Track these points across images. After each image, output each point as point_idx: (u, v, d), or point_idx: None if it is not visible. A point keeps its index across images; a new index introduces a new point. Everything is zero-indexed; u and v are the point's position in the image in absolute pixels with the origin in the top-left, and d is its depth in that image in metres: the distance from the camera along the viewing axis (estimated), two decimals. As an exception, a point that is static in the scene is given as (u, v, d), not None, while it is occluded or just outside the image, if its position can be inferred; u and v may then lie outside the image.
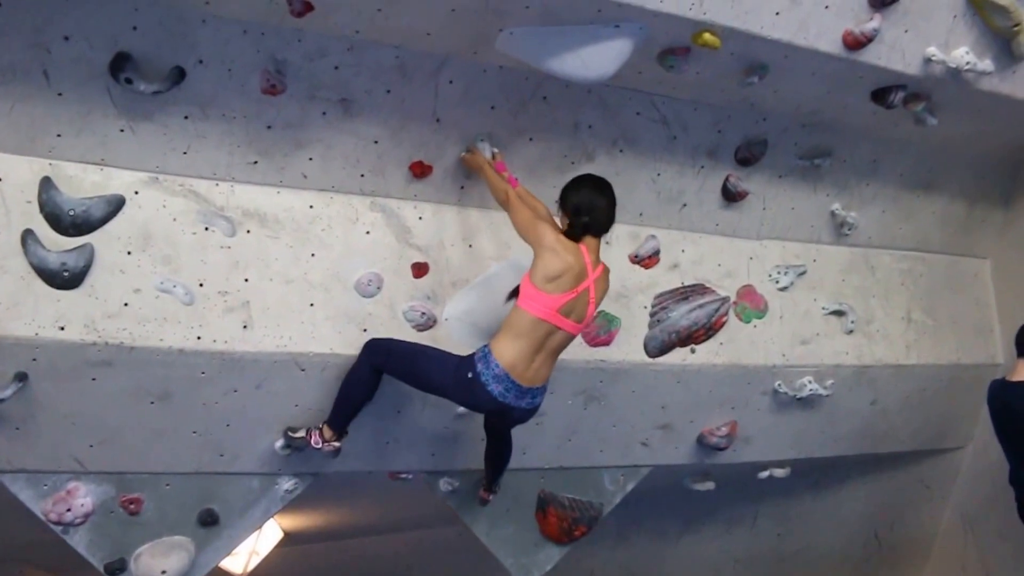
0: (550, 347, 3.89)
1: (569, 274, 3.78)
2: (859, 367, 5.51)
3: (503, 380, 3.82)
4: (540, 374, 3.92)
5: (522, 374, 3.83)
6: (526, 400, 3.93)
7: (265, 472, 4.54)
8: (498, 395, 3.83)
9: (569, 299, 3.79)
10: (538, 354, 3.86)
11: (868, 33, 4.27)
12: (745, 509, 6.58)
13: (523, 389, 3.87)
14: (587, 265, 3.83)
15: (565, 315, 3.82)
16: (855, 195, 5.52)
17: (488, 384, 3.81)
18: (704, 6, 3.92)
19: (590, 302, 3.87)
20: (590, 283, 3.84)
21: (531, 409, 4.02)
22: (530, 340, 3.82)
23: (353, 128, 4.24)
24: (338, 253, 4.33)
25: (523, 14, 3.86)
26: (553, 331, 3.84)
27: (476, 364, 3.85)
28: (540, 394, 4.00)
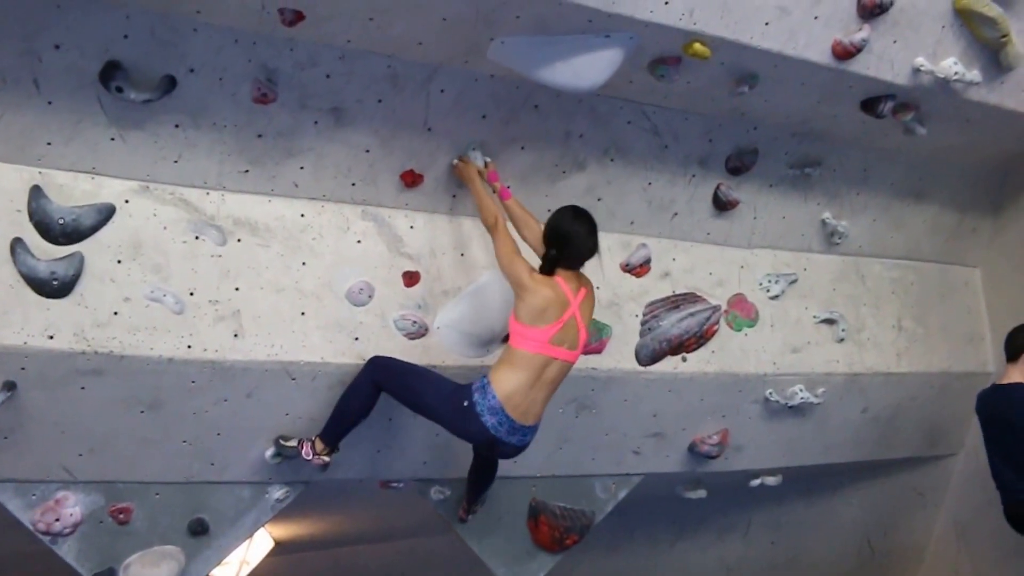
0: (547, 379, 3.92)
1: (552, 307, 3.85)
2: (850, 375, 5.52)
3: (498, 413, 3.84)
4: (534, 410, 3.95)
5: (516, 407, 3.86)
6: (516, 437, 3.95)
7: (256, 481, 4.52)
8: (491, 427, 3.85)
9: (557, 330, 3.85)
10: (535, 387, 3.90)
11: (857, 43, 4.29)
12: (738, 517, 6.58)
13: (515, 426, 3.90)
14: (567, 294, 3.88)
15: (557, 345, 3.88)
16: (846, 204, 5.53)
17: (483, 415, 3.84)
18: (694, 16, 3.94)
19: (579, 328, 3.93)
20: (574, 310, 3.90)
21: (520, 447, 4.05)
22: (527, 373, 3.86)
23: (344, 137, 4.24)
24: (329, 262, 4.33)
25: (514, 24, 3.87)
26: (549, 362, 3.89)
27: (473, 393, 3.87)
28: (531, 433, 4.03)
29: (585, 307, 3.97)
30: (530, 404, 3.91)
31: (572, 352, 3.95)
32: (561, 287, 3.89)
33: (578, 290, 3.94)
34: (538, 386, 3.91)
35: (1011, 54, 4.68)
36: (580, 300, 3.93)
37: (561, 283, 3.90)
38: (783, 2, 4.08)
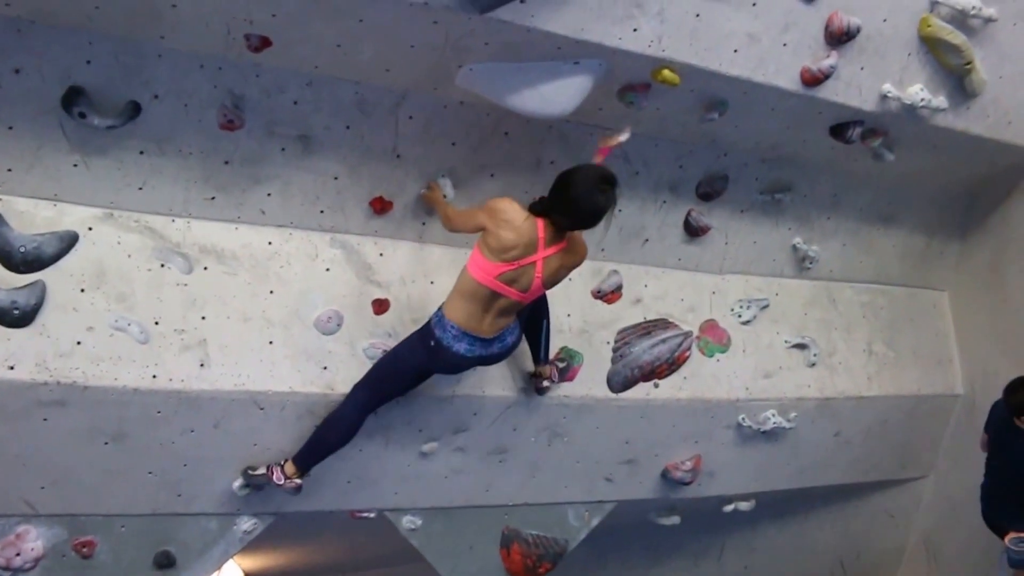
0: (498, 308, 3.85)
1: (516, 248, 3.70)
2: (822, 399, 5.51)
3: (463, 338, 3.87)
4: (498, 325, 3.92)
5: (477, 328, 3.87)
6: (496, 346, 3.98)
7: (223, 512, 4.43)
8: (466, 352, 3.90)
9: (510, 269, 3.72)
10: (487, 313, 3.86)
11: (825, 70, 4.32)
12: (711, 542, 6.55)
13: (487, 340, 3.92)
14: (539, 240, 3.72)
15: (506, 283, 3.76)
16: (816, 229, 5.55)
17: (452, 346, 3.88)
18: (663, 43, 3.94)
19: (535, 276, 3.77)
20: (538, 259, 3.74)
21: (505, 352, 4.06)
22: (476, 302, 3.82)
23: (312, 164, 4.21)
24: (297, 290, 4.28)
25: (483, 50, 3.86)
26: (496, 296, 3.80)
27: (434, 331, 3.90)
28: (509, 334, 4.01)
29: (551, 262, 3.77)
30: (490, 325, 3.89)
31: (522, 294, 3.81)
32: (538, 232, 3.71)
33: (553, 243, 3.75)
34: (491, 313, 3.85)
35: (975, 81, 4.72)
36: (549, 253, 3.76)
37: (540, 228, 3.72)
38: (752, 29, 4.10)
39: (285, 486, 4.16)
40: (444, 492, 4.79)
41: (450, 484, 4.77)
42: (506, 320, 3.94)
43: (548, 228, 3.75)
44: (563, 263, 3.84)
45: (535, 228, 3.73)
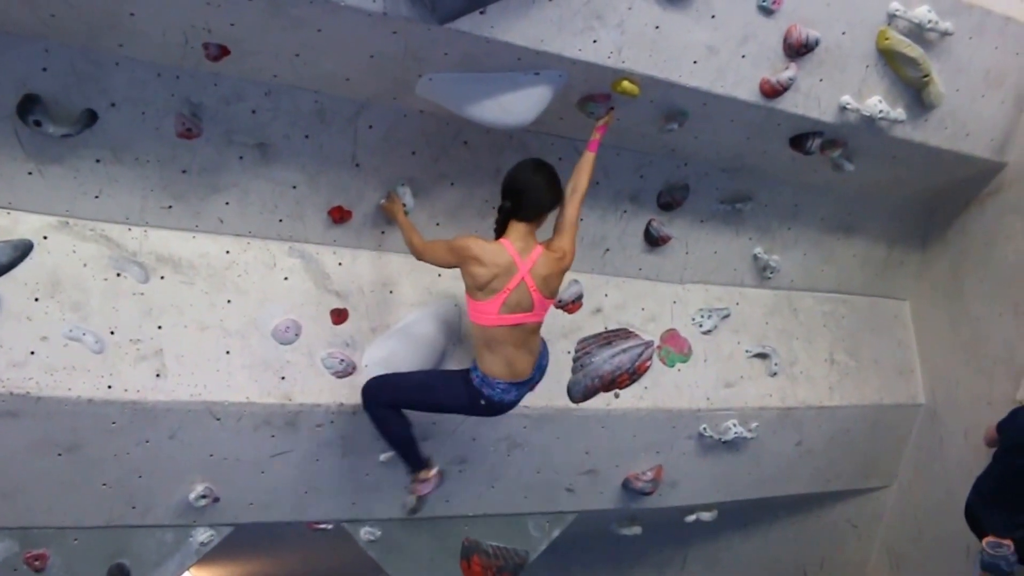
0: (523, 338, 3.88)
1: (498, 277, 3.72)
2: (783, 409, 5.53)
3: (509, 389, 3.96)
4: (528, 361, 3.97)
5: (516, 373, 3.94)
6: (537, 376, 4.14)
7: (179, 524, 4.40)
8: (515, 398, 4.04)
9: (504, 298, 3.74)
10: (520, 350, 3.90)
11: (784, 82, 4.34)
12: (674, 552, 6.55)
13: (523, 382, 4.01)
14: (514, 258, 3.73)
15: (511, 312, 3.77)
16: (777, 239, 5.58)
17: (503, 399, 3.99)
18: (623, 55, 3.95)
19: (531, 291, 3.77)
20: (523, 274, 3.74)
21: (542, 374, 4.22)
22: (501, 345, 3.85)
23: (271, 173, 4.19)
24: (255, 299, 4.25)
25: (442, 60, 3.85)
26: (511, 328, 3.82)
27: (483, 390, 3.94)
28: (543, 357, 4.15)
29: (539, 270, 3.77)
30: (524, 363, 3.95)
31: (529, 314, 3.82)
32: (508, 251, 3.73)
33: (528, 252, 3.76)
34: (523, 348, 3.90)
35: (933, 93, 4.76)
36: (531, 264, 3.76)
37: (508, 246, 3.74)
38: (711, 41, 4.12)
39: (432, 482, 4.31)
40: (401, 503, 4.76)
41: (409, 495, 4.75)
42: (532, 355, 3.99)
43: (516, 242, 3.76)
44: (551, 268, 3.82)
45: (504, 250, 3.74)
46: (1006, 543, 4.61)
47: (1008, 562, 4.65)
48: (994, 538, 4.66)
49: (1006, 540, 4.61)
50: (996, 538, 4.65)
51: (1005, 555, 4.61)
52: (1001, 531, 4.66)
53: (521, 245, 3.76)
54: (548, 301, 3.88)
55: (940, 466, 5.93)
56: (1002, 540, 4.63)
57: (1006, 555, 4.62)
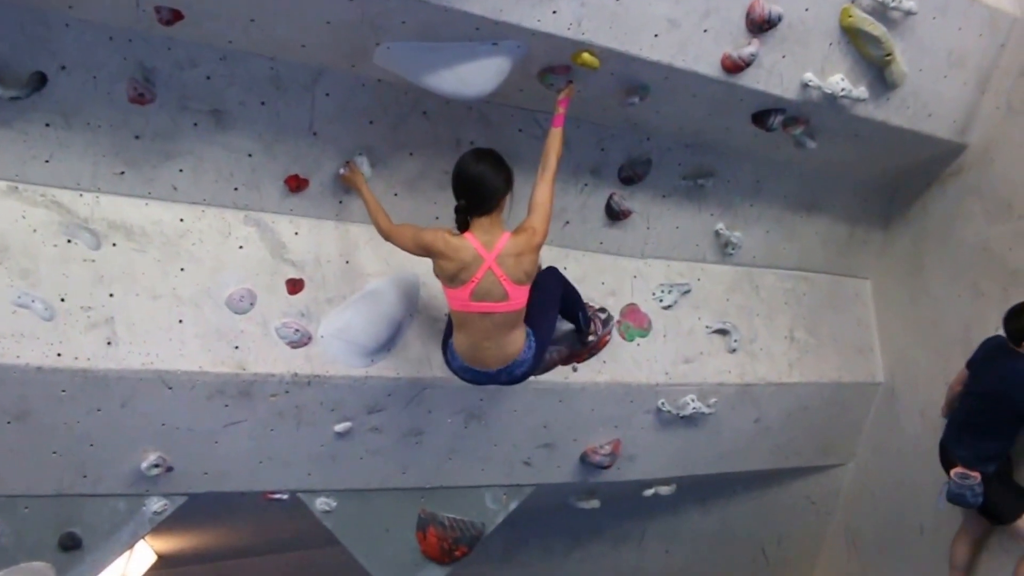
0: (492, 329, 3.86)
1: (465, 269, 3.73)
2: (742, 385, 5.54)
3: (469, 370, 4.01)
4: (501, 354, 3.94)
5: (477, 360, 3.95)
6: (502, 377, 4.04)
7: (132, 493, 4.37)
8: (471, 379, 4.08)
9: (472, 288, 3.74)
10: (488, 338, 3.88)
11: (746, 57, 4.32)
12: (632, 526, 6.58)
13: (490, 373, 4.00)
14: (478, 251, 3.71)
15: (480, 300, 3.77)
16: (739, 215, 5.57)
17: (459, 373, 4.08)
18: (583, 26, 3.92)
19: (501, 279, 3.75)
20: (489, 264, 3.72)
21: (514, 380, 4.11)
22: (470, 329, 3.88)
23: (226, 140, 4.13)
24: (209, 268, 4.21)
25: (400, 29, 3.81)
26: (482, 316, 3.81)
27: (447, 354, 4.08)
28: (517, 367, 4.03)
29: (506, 259, 3.73)
30: (492, 354, 3.93)
31: (501, 303, 3.80)
32: (472, 244, 3.71)
33: (494, 243, 3.73)
34: (492, 339, 3.88)
35: (895, 72, 4.76)
36: (497, 253, 3.73)
37: (472, 240, 3.72)
38: (672, 14, 4.09)
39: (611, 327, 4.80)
40: (359, 473, 4.76)
41: (365, 465, 4.74)
42: (509, 347, 3.94)
43: (481, 235, 3.75)
44: (520, 251, 3.77)
45: (468, 244, 3.73)
46: (973, 474, 4.71)
47: (974, 492, 4.75)
48: (962, 469, 4.75)
49: (973, 472, 4.70)
50: (964, 469, 4.74)
51: (972, 486, 4.73)
52: (970, 463, 4.74)
53: (486, 238, 3.75)
54: (521, 288, 3.83)
55: (897, 444, 5.97)
56: (970, 472, 4.72)
57: (972, 486, 4.73)
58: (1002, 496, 4.84)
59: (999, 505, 4.85)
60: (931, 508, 5.35)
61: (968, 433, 4.82)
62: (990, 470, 4.76)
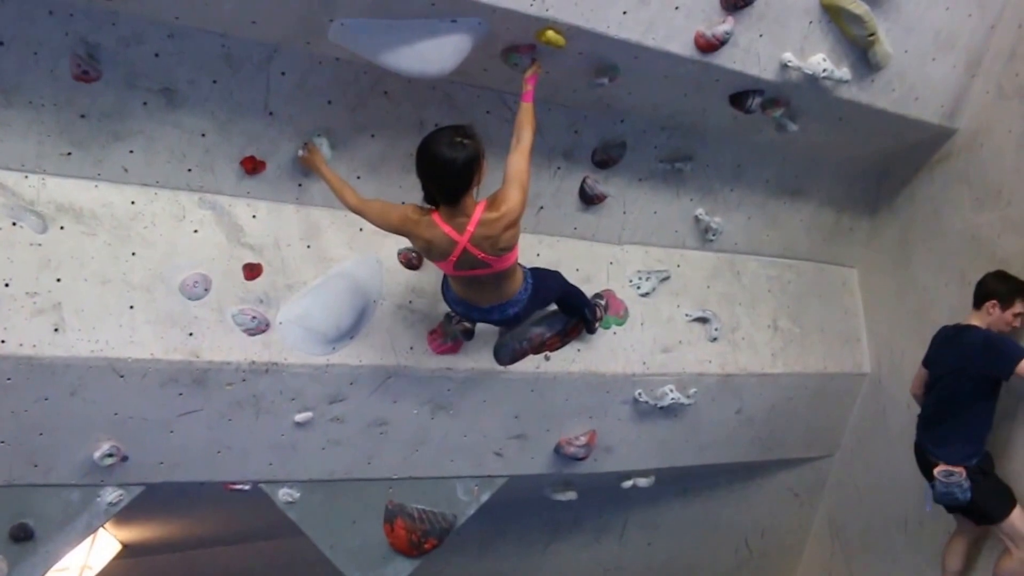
0: (480, 285, 3.84)
1: (437, 249, 3.63)
2: (723, 375, 5.39)
3: (461, 303, 3.97)
4: (496, 295, 3.90)
5: (472, 299, 3.93)
6: (496, 315, 3.98)
7: (85, 484, 4.25)
8: (463, 312, 4.04)
9: (453, 261, 3.66)
10: (473, 290, 3.87)
11: (720, 36, 4.15)
12: (613, 518, 6.44)
13: (484, 308, 3.95)
14: (450, 235, 3.57)
15: (463, 269, 3.72)
16: (720, 200, 5.41)
17: (451, 305, 4.05)
18: (546, 3, 3.76)
19: (479, 256, 3.62)
20: (464, 244, 3.58)
21: (507, 320, 4.04)
22: (459, 283, 3.88)
23: (177, 120, 4.00)
24: (162, 252, 4.08)
25: (353, 4, 3.66)
26: (469, 278, 3.80)
27: (443, 288, 4.06)
28: (510, 307, 3.96)
29: (480, 236, 3.55)
30: (486, 296, 3.90)
31: (485, 270, 3.70)
32: (442, 228, 3.56)
33: (466, 225, 3.55)
34: (482, 290, 3.86)
35: (879, 53, 4.59)
36: (468, 236, 3.56)
37: (441, 224, 3.56)
38: (642, -10, 3.93)
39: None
40: (322, 464, 4.63)
41: (328, 456, 4.61)
42: (504, 290, 3.89)
43: (449, 219, 3.58)
44: (492, 230, 3.58)
45: (437, 227, 3.59)
46: (958, 470, 4.51)
47: (962, 488, 4.54)
48: (945, 466, 4.56)
49: (958, 467, 4.51)
50: (947, 466, 4.55)
51: (959, 482, 4.52)
52: (952, 459, 4.56)
53: (458, 220, 3.57)
54: (503, 256, 3.69)
55: (883, 437, 5.82)
56: (953, 468, 4.52)
57: (960, 482, 4.52)
58: (987, 493, 4.65)
59: (986, 503, 4.66)
60: (916, 501, 5.20)
61: (943, 427, 4.65)
62: (973, 463, 4.59)
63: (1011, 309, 4.58)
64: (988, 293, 4.63)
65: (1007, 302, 4.58)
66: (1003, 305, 4.58)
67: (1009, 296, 4.59)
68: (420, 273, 4.58)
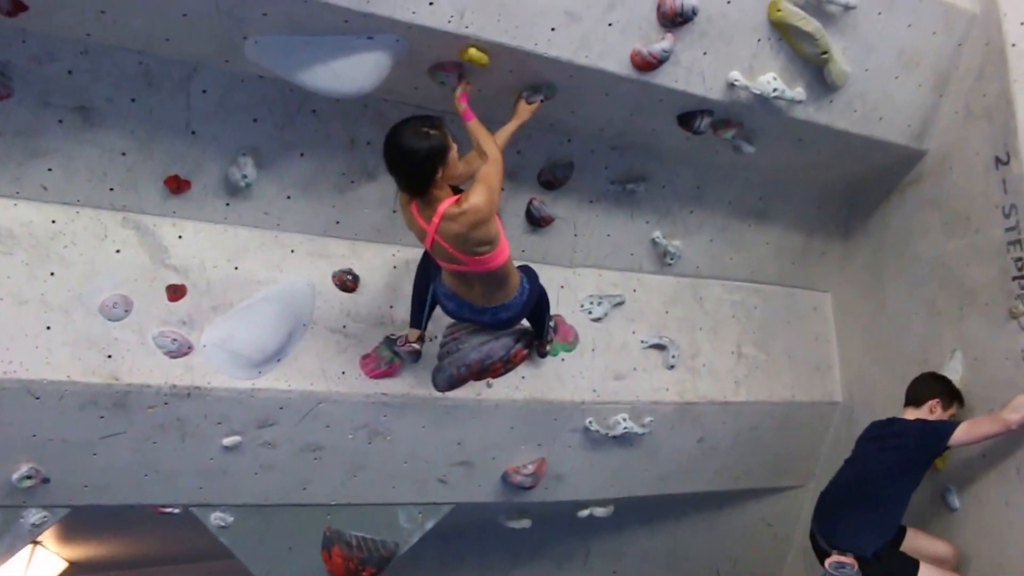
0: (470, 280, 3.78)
1: (416, 233, 3.67)
2: (681, 404, 5.19)
3: (453, 298, 3.89)
4: (489, 297, 3.85)
5: (464, 295, 3.86)
6: (487, 316, 3.94)
7: (6, 505, 4.19)
8: (453, 309, 3.95)
9: (429, 248, 3.68)
10: (465, 285, 3.81)
11: (657, 54, 4.00)
12: (575, 546, 6.25)
13: (476, 307, 3.89)
14: (420, 223, 3.56)
15: (441, 259, 3.72)
16: (678, 223, 5.23)
17: (442, 301, 3.96)
18: (465, 19, 3.64)
19: (451, 250, 3.58)
20: (432, 235, 3.55)
21: (497, 324, 4.03)
22: (448, 275, 3.83)
23: (95, 138, 3.93)
24: (81, 272, 4.00)
25: (263, 21, 3.56)
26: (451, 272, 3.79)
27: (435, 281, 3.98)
28: (504, 311, 3.92)
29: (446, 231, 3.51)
30: (478, 294, 3.84)
31: (461, 266, 3.67)
32: (414, 214, 3.56)
33: (432, 215, 3.51)
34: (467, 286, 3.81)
35: (834, 72, 4.41)
36: (435, 224, 3.51)
37: (414, 211, 3.56)
38: (572, 7, 3.80)
39: (403, 348, 4.31)
40: (255, 489, 4.53)
41: (261, 480, 4.51)
42: (495, 293, 3.84)
43: (421, 208, 3.55)
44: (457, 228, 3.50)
45: (410, 213, 3.59)
46: (848, 562, 4.28)
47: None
48: (837, 557, 4.33)
49: (848, 558, 4.29)
50: (839, 556, 4.33)
51: (850, 574, 4.28)
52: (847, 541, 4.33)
53: (426, 212, 3.53)
54: (478, 257, 3.62)
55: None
56: (844, 558, 4.30)
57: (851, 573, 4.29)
58: None
59: None
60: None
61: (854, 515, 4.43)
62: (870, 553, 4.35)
63: (950, 410, 4.51)
64: (930, 392, 4.53)
65: (948, 403, 4.52)
66: (944, 405, 4.49)
67: (950, 397, 4.54)
68: (355, 296, 4.49)
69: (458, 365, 4.51)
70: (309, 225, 4.42)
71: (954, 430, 4.23)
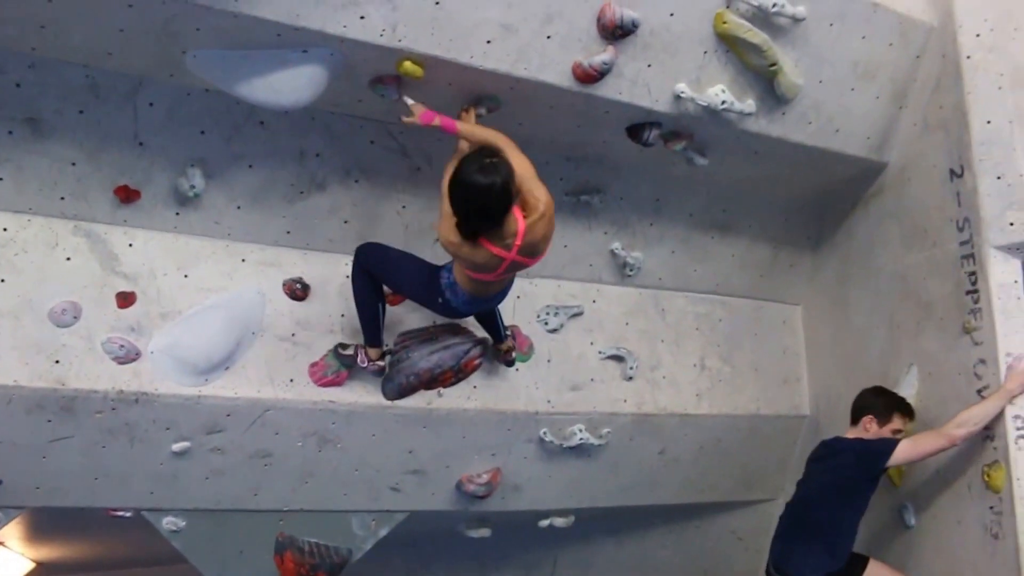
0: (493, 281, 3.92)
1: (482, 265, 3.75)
2: (639, 415, 5.19)
3: (473, 302, 4.05)
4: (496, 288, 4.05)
5: (485, 293, 4.03)
6: (495, 301, 4.26)
7: (-43, 506, 4.30)
8: (471, 310, 4.20)
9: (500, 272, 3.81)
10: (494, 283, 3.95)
11: (597, 66, 4.03)
12: (542, 555, 6.24)
13: (487, 298, 4.11)
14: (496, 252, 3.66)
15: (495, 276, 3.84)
16: (638, 234, 5.23)
17: (459, 308, 4.08)
18: (398, 32, 3.70)
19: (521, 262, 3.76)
20: (512, 258, 3.70)
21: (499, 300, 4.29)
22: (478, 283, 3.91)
23: (45, 149, 4.01)
24: (31, 279, 4.08)
25: (198, 36, 3.63)
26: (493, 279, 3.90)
27: (446, 293, 4.00)
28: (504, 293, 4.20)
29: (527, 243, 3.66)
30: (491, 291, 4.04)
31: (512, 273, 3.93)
32: (489, 249, 3.66)
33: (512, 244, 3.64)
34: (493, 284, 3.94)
35: (784, 84, 4.41)
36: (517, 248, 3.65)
37: (487, 245, 3.65)
38: (506, 19, 3.83)
39: (369, 368, 4.43)
40: (206, 494, 4.60)
41: (212, 486, 4.57)
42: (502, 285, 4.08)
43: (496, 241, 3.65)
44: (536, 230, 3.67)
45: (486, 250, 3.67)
46: None
47: None
48: None
49: None
50: None
51: None
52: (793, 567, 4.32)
53: (505, 242, 3.65)
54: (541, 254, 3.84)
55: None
56: None
57: None
58: None
59: None
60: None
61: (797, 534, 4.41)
62: None
63: (889, 424, 4.43)
64: (864, 407, 4.49)
65: (885, 417, 4.44)
66: (880, 420, 4.43)
67: (887, 411, 4.45)
68: (305, 305, 4.54)
69: (407, 374, 4.58)
70: (260, 235, 4.48)
71: (894, 448, 4.20)
